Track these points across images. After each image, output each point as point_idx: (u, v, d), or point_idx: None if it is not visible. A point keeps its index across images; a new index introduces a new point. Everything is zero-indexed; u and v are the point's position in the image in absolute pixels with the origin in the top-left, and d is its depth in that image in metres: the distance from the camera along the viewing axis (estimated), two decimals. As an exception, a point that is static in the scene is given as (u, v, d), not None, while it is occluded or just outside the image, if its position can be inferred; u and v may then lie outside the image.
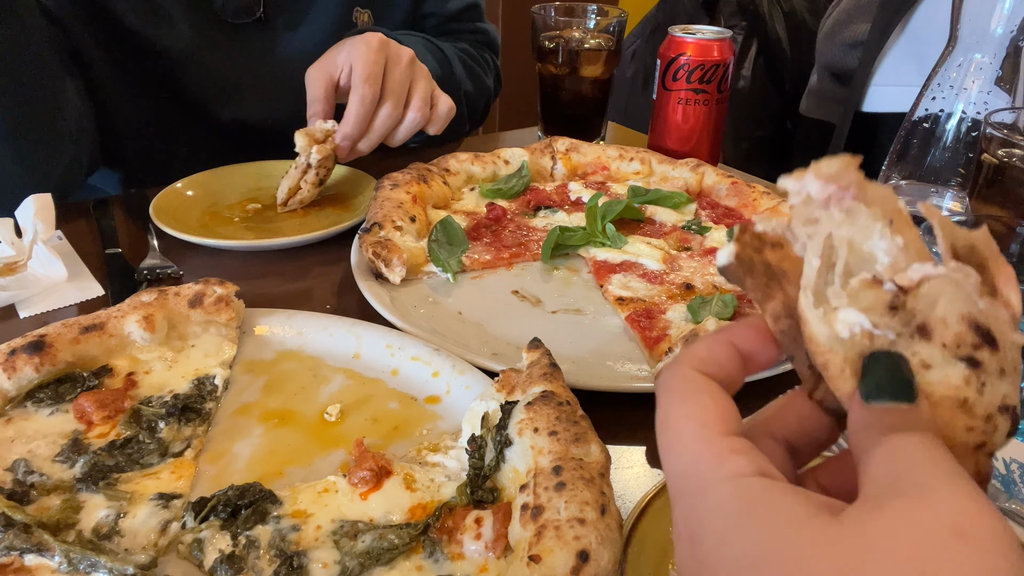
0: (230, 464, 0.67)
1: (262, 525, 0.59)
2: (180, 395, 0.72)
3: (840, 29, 1.92)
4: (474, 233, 1.07)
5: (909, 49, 1.69)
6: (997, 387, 0.35)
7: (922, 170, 0.81)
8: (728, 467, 0.34)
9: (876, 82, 1.75)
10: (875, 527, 0.29)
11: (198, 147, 1.40)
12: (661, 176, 1.24)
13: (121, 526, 0.59)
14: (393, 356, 0.79)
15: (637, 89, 2.50)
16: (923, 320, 0.35)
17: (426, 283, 0.97)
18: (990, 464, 0.36)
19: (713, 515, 0.34)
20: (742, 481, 0.34)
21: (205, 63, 1.31)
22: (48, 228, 0.99)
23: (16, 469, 0.63)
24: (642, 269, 0.99)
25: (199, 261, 1.05)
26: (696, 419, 0.37)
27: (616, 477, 0.69)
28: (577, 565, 0.49)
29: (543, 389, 0.63)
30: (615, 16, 1.39)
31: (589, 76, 1.41)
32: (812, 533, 0.30)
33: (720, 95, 1.31)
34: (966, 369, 0.35)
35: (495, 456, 0.62)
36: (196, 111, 1.36)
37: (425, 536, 0.57)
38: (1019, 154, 0.69)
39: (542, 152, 1.27)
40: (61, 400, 0.71)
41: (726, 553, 0.32)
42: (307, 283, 1.01)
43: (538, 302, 0.95)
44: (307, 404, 0.74)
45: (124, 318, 0.77)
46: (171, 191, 1.19)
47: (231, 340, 0.80)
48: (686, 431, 0.37)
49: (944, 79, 0.79)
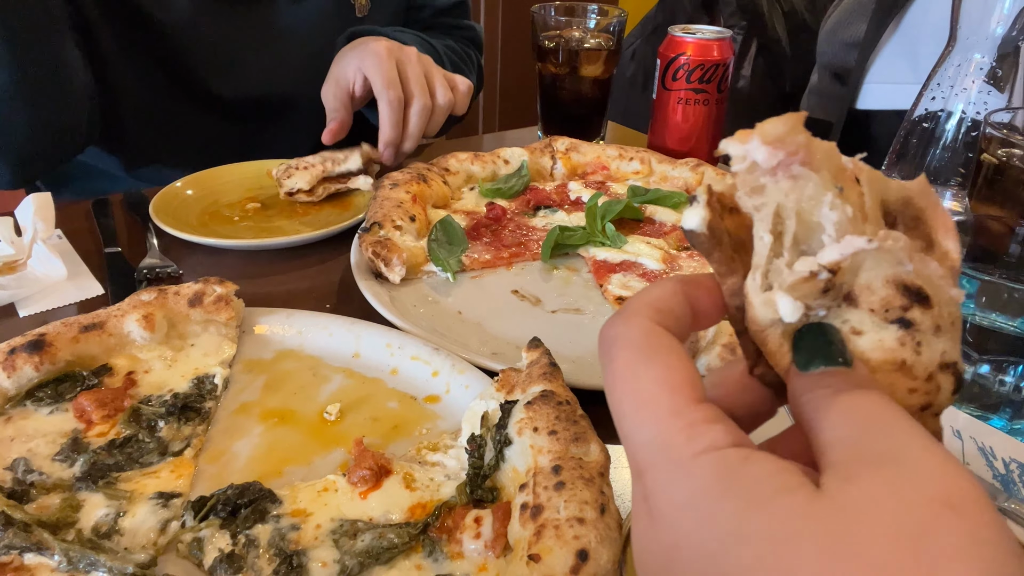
0: (230, 463, 0.67)
1: (262, 524, 0.59)
2: (180, 394, 0.72)
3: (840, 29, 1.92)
4: (474, 233, 1.07)
5: (902, 47, 1.69)
6: (935, 345, 0.34)
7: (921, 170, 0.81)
8: (704, 439, 0.31)
9: (869, 80, 1.75)
10: (859, 498, 0.28)
11: (197, 123, 1.41)
12: (661, 176, 1.24)
13: (121, 525, 0.59)
14: (393, 355, 0.79)
15: (637, 89, 2.50)
16: (848, 288, 0.34)
17: (426, 283, 0.97)
18: (938, 424, 0.36)
19: (690, 493, 0.31)
20: (720, 454, 0.31)
21: (205, 36, 1.32)
22: (48, 227, 0.99)
23: (16, 468, 0.63)
24: (642, 269, 0.99)
25: (199, 260, 1.05)
26: (665, 383, 0.33)
27: (616, 477, 0.69)
28: (576, 564, 0.49)
29: (543, 388, 0.63)
30: (615, 16, 1.39)
31: (589, 76, 1.41)
32: (800, 507, 0.28)
33: (720, 95, 1.31)
34: (899, 331, 0.34)
35: (495, 455, 0.62)
36: (195, 86, 1.37)
37: (424, 535, 0.57)
38: (1019, 154, 0.69)
39: (542, 152, 1.28)
40: (61, 399, 0.71)
41: (707, 533, 0.30)
42: (307, 283, 1.01)
43: (538, 302, 0.95)
44: (307, 403, 0.74)
45: (124, 317, 0.77)
46: (171, 190, 1.19)
47: (231, 339, 0.80)
48: (653, 397, 0.33)
49: (943, 79, 0.79)
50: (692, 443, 0.32)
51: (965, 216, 0.73)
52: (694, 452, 0.31)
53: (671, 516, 0.31)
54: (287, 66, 1.38)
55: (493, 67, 3.28)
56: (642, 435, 0.33)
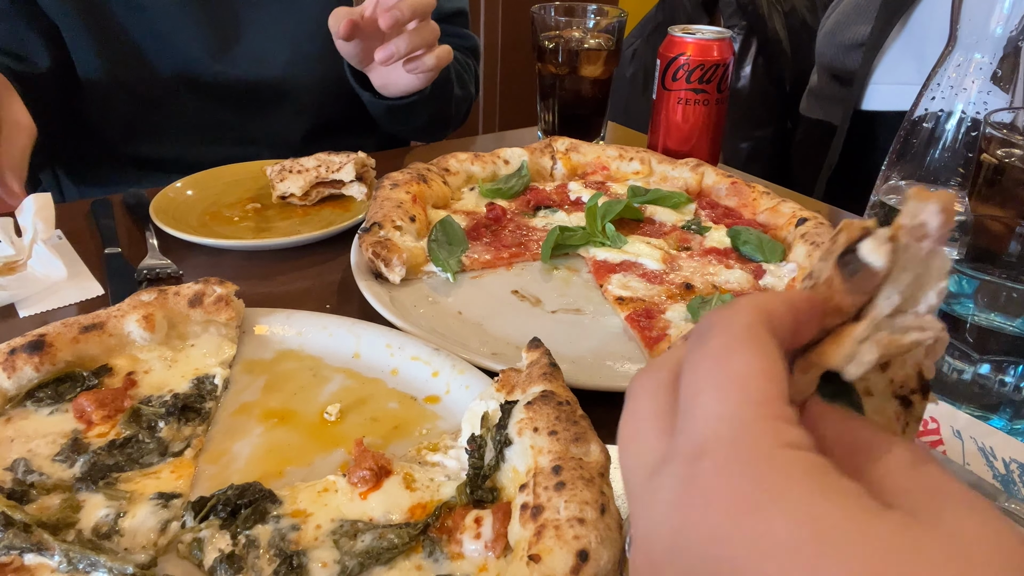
0: (230, 464, 0.67)
1: (262, 524, 0.59)
2: (180, 394, 0.72)
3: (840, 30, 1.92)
4: (474, 233, 1.07)
5: (909, 47, 1.69)
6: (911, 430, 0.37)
7: (922, 170, 0.81)
8: (790, 435, 0.30)
9: (875, 80, 1.75)
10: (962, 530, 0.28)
11: (186, 116, 1.41)
12: (661, 176, 1.24)
13: (121, 525, 0.59)
14: (393, 356, 0.79)
15: (637, 89, 2.50)
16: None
17: (426, 283, 0.97)
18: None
19: (772, 482, 0.29)
20: (808, 455, 0.30)
21: (195, 22, 1.33)
22: (48, 227, 0.99)
23: (16, 468, 0.63)
24: (642, 269, 0.99)
25: (199, 261, 1.05)
26: (761, 372, 0.32)
27: (616, 477, 0.69)
28: (577, 565, 0.49)
29: (543, 389, 0.63)
30: (615, 16, 1.39)
31: (589, 76, 1.41)
32: (909, 528, 0.28)
33: (720, 95, 1.31)
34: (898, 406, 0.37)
35: (495, 456, 0.62)
36: (184, 75, 1.37)
37: (425, 536, 0.57)
38: (1019, 154, 0.69)
39: (542, 152, 1.27)
40: (61, 399, 0.71)
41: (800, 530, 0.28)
42: (307, 283, 1.01)
43: (538, 302, 0.95)
44: (307, 404, 0.74)
45: (124, 317, 0.77)
46: (171, 191, 1.19)
47: (231, 340, 0.80)
48: (745, 380, 0.32)
49: (943, 79, 0.79)
50: (778, 434, 0.30)
51: (965, 216, 0.73)
52: (780, 443, 0.30)
53: (733, 500, 0.29)
54: (279, 52, 1.38)
55: (493, 67, 3.28)
56: (720, 408, 0.31)
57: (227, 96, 1.42)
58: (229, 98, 1.42)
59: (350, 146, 1.26)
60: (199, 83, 1.39)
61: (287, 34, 1.39)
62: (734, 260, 1.02)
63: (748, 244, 1.03)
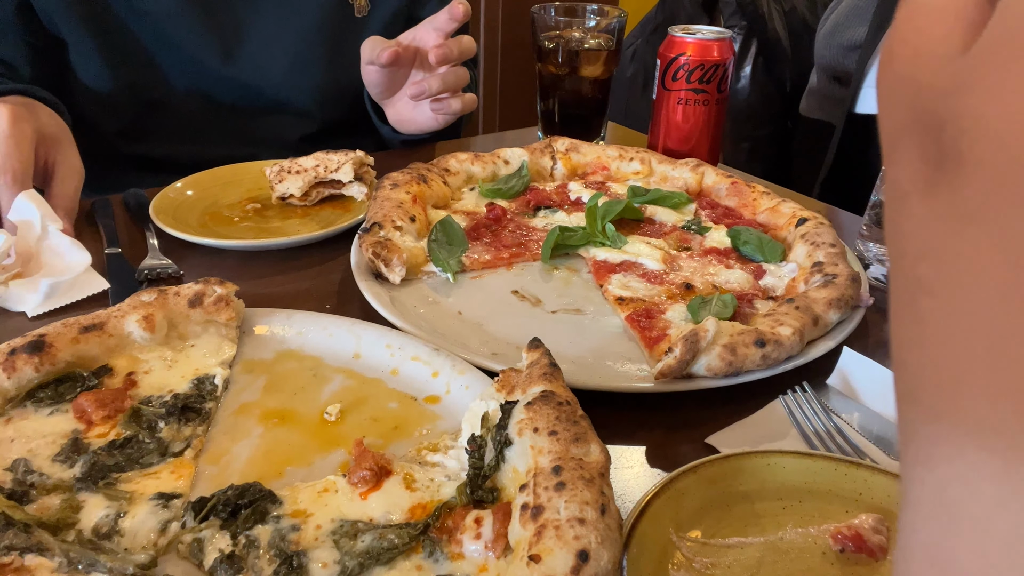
0: (230, 464, 0.67)
1: (262, 525, 0.59)
2: (180, 395, 0.72)
3: (839, 32, 1.92)
4: (474, 233, 1.07)
5: None
6: None
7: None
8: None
9: (869, 83, 1.75)
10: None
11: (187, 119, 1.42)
12: (661, 176, 1.24)
13: (121, 526, 0.59)
14: (393, 356, 0.79)
15: (637, 89, 2.51)
16: None
17: (426, 283, 0.97)
18: None
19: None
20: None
21: (198, 27, 1.34)
22: (55, 219, 0.98)
23: (16, 469, 0.63)
24: (642, 269, 0.99)
25: (199, 261, 1.05)
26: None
27: (616, 477, 0.69)
28: (577, 565, 0.49)
29: (543, 389, 0.63)
30: (615, 16, 1.39)
31: (589, 76, 1.41)
32: None
33: (720, 95, 1.31)
34: None
35: (495, 456, 0.62)
36: (187, 79, 1.38)
37: (425, 536, 0.57)
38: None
39: (542, 152, 1.27)
40: (61, 400, 0.71)
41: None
42: (307, 283, 1.01)
43: (538, 302, 0.95)
44: (307, 404, 0.74)
45: (124, 318, 0.77)
46: (171, 191, 1.19)
47: (231, 340, 0.80)
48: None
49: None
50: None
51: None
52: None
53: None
54: (284, 60, 1.39)
55: (493, 67, 3.28)
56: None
57: (229, 100, 1.42)
58: (231, 102, 1.42)
59: (349, 147, 1.26)
60: (201, 87, 1.40)
61: (288, 40, 1.39)
62: (734, 260, 1.02)
63: (748, 244, 1.03)
